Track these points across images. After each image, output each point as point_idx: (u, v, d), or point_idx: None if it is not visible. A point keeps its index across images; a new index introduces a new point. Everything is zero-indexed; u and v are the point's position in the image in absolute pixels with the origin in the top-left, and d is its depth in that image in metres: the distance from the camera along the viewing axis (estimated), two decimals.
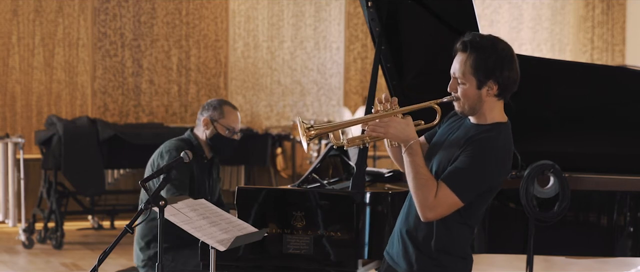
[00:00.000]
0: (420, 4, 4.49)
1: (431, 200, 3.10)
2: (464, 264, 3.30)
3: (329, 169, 4.81)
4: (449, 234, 3.21)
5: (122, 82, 9.57)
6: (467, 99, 3.17)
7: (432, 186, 3.11)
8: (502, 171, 3.18)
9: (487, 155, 3.12)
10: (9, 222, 8.03)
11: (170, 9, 9.68)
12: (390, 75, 4.74)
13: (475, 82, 3.15)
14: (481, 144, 3.13)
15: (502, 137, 3.18)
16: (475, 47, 3.14)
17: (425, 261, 3.24)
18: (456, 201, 3.11)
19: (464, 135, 3.19)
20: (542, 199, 4.33)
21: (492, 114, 3.21)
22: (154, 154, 4.79)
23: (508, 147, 3.20)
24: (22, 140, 8.02)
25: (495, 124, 3.20)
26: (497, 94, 3.18)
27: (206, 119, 4.80)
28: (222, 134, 4.80)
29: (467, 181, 3.10)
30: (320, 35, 10.27)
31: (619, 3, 11.28)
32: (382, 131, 3.17)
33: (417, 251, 3.25)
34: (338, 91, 10.37)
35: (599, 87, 4.82)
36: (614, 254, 4.45)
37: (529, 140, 4.70)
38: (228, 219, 3.77)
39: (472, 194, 3.13)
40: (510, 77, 3.18)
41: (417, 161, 3.13)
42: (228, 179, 9.05)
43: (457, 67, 3.17)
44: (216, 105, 4.82)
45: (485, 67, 3.13)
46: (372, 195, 4.10)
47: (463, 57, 3.15)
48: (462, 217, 3.20)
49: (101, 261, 3.39)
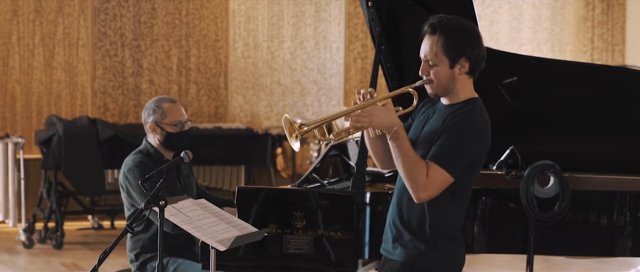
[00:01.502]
0: (420, 4, 4.49)
1: (423, 180, 3.16)
2: (457, 246, 3.34)
3: (329, 169, 4.81)
4: (442, 216, 3.27)
5: (122, 82, 9.57)
6: (441, 80, 3.26)
7: (422, 167, 3.17)
8: (483, 141, 3.26)
9: (466, 127, 3.21)
10: (9, 222, 8.03)
11: (170, 9, 9.68)
12: (390, 75, 4.74)
13: (447, 61, 3.24)
14: (459, 118, 3.22)
15: (477, 110, 3.27)
16: (444, 28, 3.24)
17: (421, 246, 3.28)
18: (447, 177, 3.18)
19: (440, 118, 3.27)
20: (542, 199, 4.33)
21: (464, 92, 3.29)
22: (120, 178, 4.65)
23: (485, 119, 3.28)
24: (22, 140, 8.02)
25: (469, 100, 3.29)
26: (469, 72, 3.27)
27: (151, 125, 4.66)
28: (173, 132, 4.65)
29: (454, 155, 3.19)
30: (320, 35, 10.27)
31: (619, 3, 11.28)
32: (367, 121, 3.23)
33: (412, 237, 3.29)
34: (338, 91, 10.37)
35: (599, 87, 4.82)
36: (614, 254, 4.45)
37: (529, 140, 4.70)
38: (228, 219, 3.77)
39: (461, 167, 3.20)
40: (479, 53, 3.27)
41: (404, 144, 3.20)
42: (228, 179, 9.05)
43: (427, 50, 3.27)
44: (154, 108, 4.65)
45: (457, 46, 3.23)
46: (372, 195, 4.10)
47: (433, 39, 3.25)
48: (454, 196, 3.26)
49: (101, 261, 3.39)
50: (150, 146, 4.72)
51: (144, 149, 4.72)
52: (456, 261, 3.34)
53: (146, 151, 4.70)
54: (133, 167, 4.57)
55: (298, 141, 3.23)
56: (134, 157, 4.67)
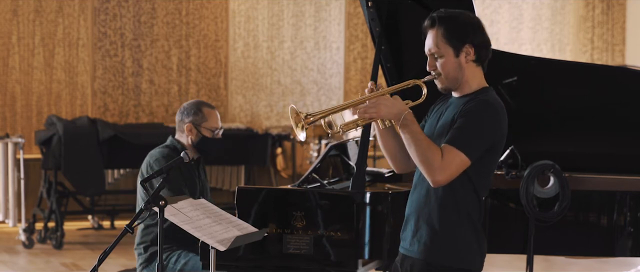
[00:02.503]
0: (421, 3, 4.49)
1: (438, 162, 3.11)
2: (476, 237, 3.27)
3: (329, 169, 4.81)
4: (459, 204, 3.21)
5: (122, 82, 9.57)
6: (449, 71, 3.24)
7: (435, 149, 3.13)
8: (500, 124, 3.22)
9: (482, 111, 3.18)
10: (9, 222, 8.03)
11: (170, 9, 9.68)
12: (390, 75, 4.74)
13: (451, 50, 3.23)
14: (474, 103, 3.19)
15: (491, 97, 3.24)
16: (442, 19, 3.24)
17: (438, 238, 3.23)
18: (463, 159, 3.12)
19: (454, 109, 3.24)
20: (542, 199, 4.33)
21: (476, 81, 3.27)
22: (143, 167, 4.79)
23: (500, 105, 3.25)
24: (22, 140, 8.02)
25: (482, 89, 3.27)
26: (475, 59, 3.25)
27: (189, 125, 4.80)
28: (208, 136, 4.81)
29: (470, 137, 3.14)
30: (320, 35, 10.27)
31: (619, 3, 11.28)
32: (374, 111, 3.21)
33: (430, 229, 3.24)
34: (338, 91, 10.37)
35: (599, 87, 4.82)
36: (614, 254, 4.45)
37: (529, 140, 4.70)
38: (228, 219, 3.77)
39: (477, 149, 3.15)
40: (484, 39, 3.26)
41: (414, 129, 3.17)
42: (228, 179, 9.05)
43: (431, 43, 3.26)
44: (196, 110, 4.82)
45: (458, 33, 3.22)
46: (372, 195, 4.10)
47: (434, 32, 3.25)
48: (472, 183, 3.20)
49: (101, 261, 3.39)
50: (178, 142, 4.84)
51: (171, 145, 4.85)
52: (475, 253, 3.27)
53: (173, 146, 4.83)
54: (160, 158, 4.71)
55: (304, 131, 3.21)
56: (161, 150, 4.80)
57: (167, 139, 4.90)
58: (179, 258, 4.63)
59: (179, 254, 4.64)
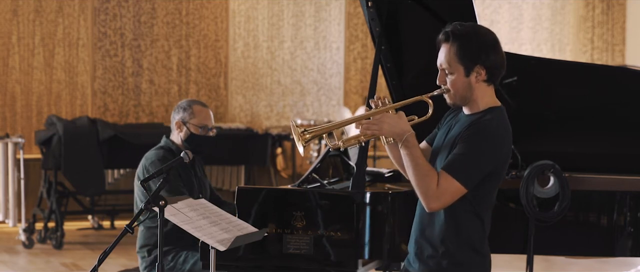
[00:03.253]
0: (421, 3, 4.49)
1: (434, 189, 3.09)
2: (480, 259, 3.26)
3: (329, 169, 4.81)
4: (461, 229, 3.20)
5: (122, 82, 9.57)
6: (457, 89, 3.20)
7: (433, 176, 3.11)
8: (501, 152, 3.18)
9: (482, 137, 3.13)
10: (9, 222, 8.03)
11: (170, 9, 9.68)
12: (390, 75, 4.74)
13: (462, 69, 3.18)
14: (476, 127, 3.15)
15: (496, 119, 3.19)
16: (457, 35, 3.17)
17: (441, 261, 3.22)
18: (459, 187, 3.10)
19: (460, 128, 3.20)
20: (542, 199, 4.33)
21: (484, 101, 3.22)
22: (139, 170, 4.78)
23: (504, 128, 3.20)
24: (22, 140, 8.02)
25: (488, 109, 3.22)
26: (486, 80, 3.21)
27: (178, 122, 4.82)
28: (196, 133, 4.80)
29: (467, 165, 3.11)
30: (320, 35, 10.27)
31: (619, 3, 11.28)
32: (377, 128, 3.19)
33: (434, 252, 3.23)
34: (338, 91, 10.37)
35: (599, 87, 4.82)
36: (614, 254, 4.45)
37: (529, 140, 4.70)
38: (228, 219, 3.77)
39: (474, 178, 3.12)
40: (496, 60, 3.20)
41: (415, 152, 3.14)
42: (228, 179, 9.05)
43: (443, 58, 3.20)
44: (185, 107, 4.83)
45: (470, 53, 3.16)
46: (372, 195, 4.10)
47: (447, 47, 3.19)
48: (472, 206, 3.18)
49: (101, 261, 3.39)
50: (172, 143, 4.86)
51: (165, 146, 4.85)
52: None
53: (167, 147, 4.84)
54: (156, 160, 4.71)
55: (302, 146, 3.22)
56: (156, 151, 4.80)
57: (162, 139, 4.89)
58: (187, 258, 4.64)
59: (186, 254, 4.64)
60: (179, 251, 4.67)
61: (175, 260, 4.68)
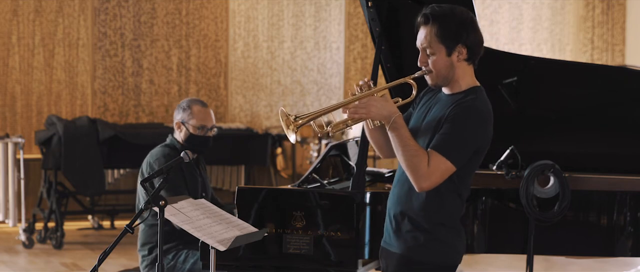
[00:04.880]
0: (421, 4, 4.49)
1: (424, 169, 3.14)
2: (457, 235, 3.32)
3: (329, 169, 4.80)
4: (443, 206, 3.25)
5: (122, 82, 9.57)
6: (440, 69, 3.25)
7: (422, 155, 3.15)
8: (486, 129, 3.24)
9: (469, 116, 3.18)
10: (9, 222, 8.02)
11: (170, 9, 9.68)
12: (390, 75, 4.74)
13: (444, 49, 3.23)
14: (461, 107, 3.19)
15: (479, 99, 3.24)
16: (436, 16, 3.22)
17: (420, 237, 3.26)
18: (449, 166, 3.15)
19: (442, 108, 3.25)
20: (542, 199, 4.33)
21: (465, 80, 3.27)
22: (143, 166, 4.80)
23: (487, 107, 3.26)
24: (22, 140, 8.02)
25: (470, 89, 3.27)
26: (467, 58, 3.25)
27: (178, 123, 4.86)
28: (195, 134, 4.81)
29: (456, 144, 3.16)
30: (320, 35, 10.27)
31: (619, 3, 11.28)
32: (364, 112, 3.22)
33: (412, 227, 3.27)
34: (338, 91, 10.37)
35: (599, 87, 4.82)
36: (614, 254, 4.45)
37: (529, 140, 4.70)
38: (228, 219, 3.77)
39: (464, 156, 3.18)
40: (476, 38, 3.25)
41: (403, 133, 3.18)
42: (228, 179, 9.05)
43: (423, 39, 3.26)
44: (185, 107, 4.86)
45: (451, 33, 3.21)
46: (372, 195, 4.10)
47: (427, 29, 3.24)
48: (455, 185, 3.24)
49: (101, 261, 3.39)
50: (177, 141, 4.89)
51: (171, 144, 4.89)
52: (455, 251, 3.31)
53: (172, 145, 4.87)
54: (160, 157, 4.74)
55: (294, 133, 3.23)
56: (161, 149, 4.83)
57: (167, 137, 4.92)
58: (187, 257, 4.65)
59: (186, 253, 4.65)
60: (180, 249, 4.68)
61: (175, 259, 4.68)
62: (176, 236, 4.58)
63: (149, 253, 4.74)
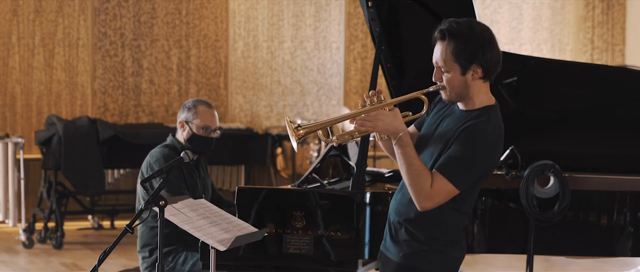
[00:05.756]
0: (421, 4, 4.49)
1: (427, 190, 3.12)
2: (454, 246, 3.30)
3: (329, 169, 4.81)
4: (442, 222, 3.24)
5: (122, 82, 9.57)
6: (453, 87, 3.19)
7: (426, 176, 3.12)
8: (494, 155, 3.20)
9: (479, 141, 3.14)
10: (9, 222, 8.02)
11: (170, 9, 9.68)
12: (390, 75, 4.74)
13: (458, 68, 3.17)
14: (473, 130, 3.14)
15: (492, 120, 3.20)
16: (453, 34, 3.15)
17: (416, 245, 3.26)
18: (452, 189, 3.13)
19: (454, 124, 3.21)
20: (542, 199, 4.33)
21: (480, 98, 3.22)
22: (143, 166, 4.79)
23: (499, 129, 3.22)
24: (22, 140, 8.02)
25: (484, 108, 3.21)
26: (482, 77, 3.19)
27: (181, 121, 4.85)
28: (198, 134, 4.80)
29: (462, 168, 3.12)
30: (320, 35, 10.26)
31: (619, 3, 11.27)
32: (371, 125, 3.20)
33: (409, 237, 3.27)
34: (338, 91, 10.37)
35: (599, 87, 4.83)
36: (614, 254, 4.45)
37: (529, 140, 4.70)
38: (228, 219, 3.77)
39: (468, 181, 3.15)
40: (492, 58, 3.18)
41: (409, 152, 3.15)
42: (228, 179, 9.05)
43: (438, 56, 3.19)
44: (190, 107, 4.85)
45: (466, 52, 3.14)
46: (372, 195, 4.10)
47: (443, 46, 3.17)
48: (457, 204, 3.22)
49: (101, 261, 3.39)
50: (178, 141, 4.88)
51: (171, 144, 4.87)
52: (452, 262, 3.31)
53: (172, 145, 4.84)
54: (160, 158, 4.72)
55: (296, 141, 3.23)
56: (161, 149, 4.81)
57: (168, 137, 4.91)
58: (186, 259, 4.64)
59: (185, 255, 4.64)
60: (179, 251, 4.67)
61: (174, 261, 4.68)
62: (176, 238, 4.58)
63: (150, 255, 4.73)
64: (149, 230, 4.74)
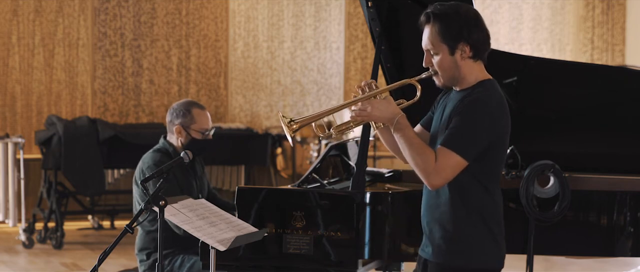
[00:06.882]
0: (421, 4, 4.49)
1: (433, 165, 3.10)
2: (493, 234, 3.22)
3: (329, 169, 4.80)
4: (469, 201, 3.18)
5: (122, 82, 9.57)
6: (444, 69, 3.21)
7: (429, 153, 3.12)
8: (497, 122, 3.16)
9: (477, 108, 3.13)
10: (9, 222, 8.03)
11: (170, 9, 9.68)
12: (390, 75, 4.74)
13: (446, 48, 3.19)
14: (469, 101, 3.15)
15: (488, 91, 3.19)
16: (437, 15, 3.19)
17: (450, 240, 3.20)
18: (459, 160, 3.10)
19: (452, 105, 3.21)
20: (542, 199, 4.33)
21: (473, 76, 3.22)
22: (136, 173, 4.73)
23: (497, 98, 3.19)
24: (22, 140, 8.02)
25: (479, 83, 3.21)
26: (472, 56, 3.20)
27: (178, 127, 4.71)
28: (197, 138, 4.74)
29: (463, 137, 3.11)
30: (320, 35, 10.26)
31: (619, 3, 11.28)
32: (366, 114, 3.21)
33: (442, 231, 3.21)
34: (338, 91, 10.37)
35: (599, 87, 4.82)
36: (614, 254, 4.44)
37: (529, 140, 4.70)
38: (228, 219, 3.77)
39: (472, 149, 3.11)
40: (479, 36, 3.20)
41: (408, 133, 3.16)
42: (228, 179, 9.05)
43: (426, 40, 3.22)
44: (185, 111, 4.72)
45: (452, 31, 3.17)
46: (372, 195, 4.10)
47: (429, 28, 3.21)
48: (476, 178, 3.16)
49: (101, 261, 3.39)
50: (170, 145, 4.78)
51: (163, 148, 4.76)
52: (493, 251, 3.23)
53: (165, 149, 4.75)
54: (152, 165, 4.63)
55: (291, 136, 3.24)
56: (153, 155, 4.72)
57: (159, 141, 4.83)
58: (183, 262, 4.61)
59: (182, 258, 4.61)
60: (176, 254, 4.65)
61: (171, 264, 4.65)
62: (173, 242, 4.56)
63: (147, 258, 4.70)
64: (146, 234, 4.70)
